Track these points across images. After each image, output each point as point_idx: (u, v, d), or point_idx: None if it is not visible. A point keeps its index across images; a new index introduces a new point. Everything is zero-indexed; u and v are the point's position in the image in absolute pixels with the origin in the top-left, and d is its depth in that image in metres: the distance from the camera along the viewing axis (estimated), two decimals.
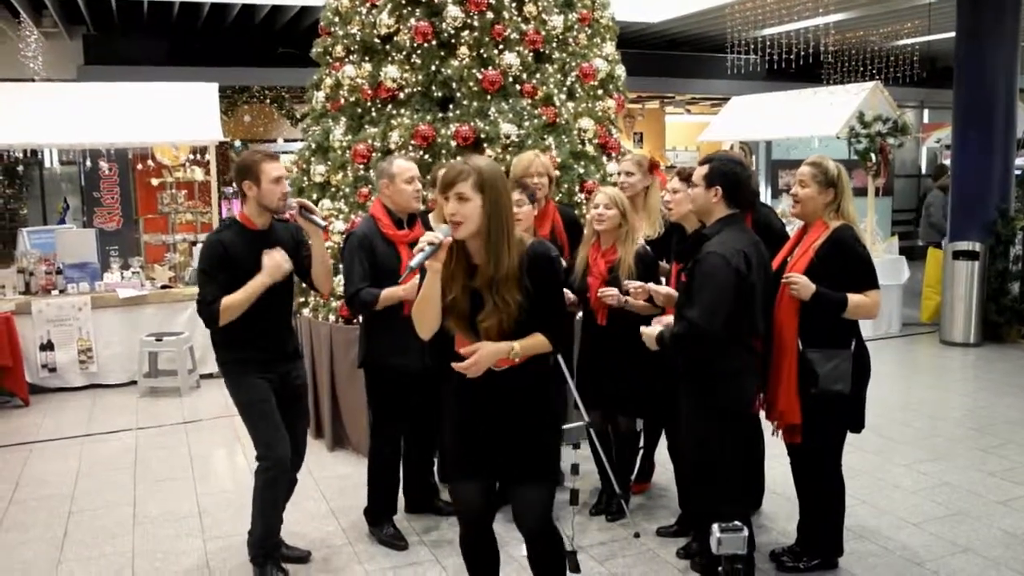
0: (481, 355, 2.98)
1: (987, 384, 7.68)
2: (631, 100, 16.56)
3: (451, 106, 5.85)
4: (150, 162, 9.67)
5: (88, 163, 9.43)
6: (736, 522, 2.24)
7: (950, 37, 9.95)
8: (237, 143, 14.07)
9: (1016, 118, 9.42)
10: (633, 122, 16.63)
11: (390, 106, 5.91)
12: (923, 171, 17.18)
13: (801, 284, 3.74)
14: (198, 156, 10.11)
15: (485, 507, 3.25)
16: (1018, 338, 9.09)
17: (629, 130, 16.48)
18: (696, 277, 3.50)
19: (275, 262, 3.88)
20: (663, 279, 4.49)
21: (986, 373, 8.07)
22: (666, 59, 15.37)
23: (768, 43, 12.28)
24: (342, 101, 6.18)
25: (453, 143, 5.62)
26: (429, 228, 4.65)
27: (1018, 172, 10.04)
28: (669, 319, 3.70)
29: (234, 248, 3.88)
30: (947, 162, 12.40)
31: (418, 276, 3.12)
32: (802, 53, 12.07)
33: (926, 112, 17.95)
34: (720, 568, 2.25)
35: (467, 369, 2.98)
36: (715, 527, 2.25)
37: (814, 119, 9.95)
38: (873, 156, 9.30)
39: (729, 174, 3.60)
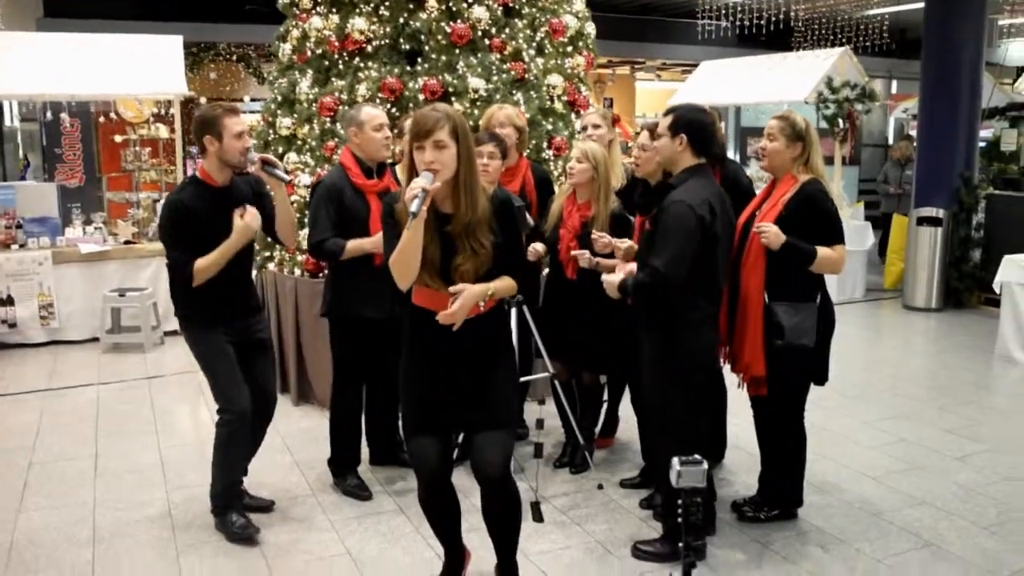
0: (465, 297, 2.98)
1: (947, 347, 7.81)
2: (601, 65, 16.51)
3: (419, 59, 5.79)
4: (113, 115, 9.48)
5: (48, 115, 9.21)
6: (696, 455, 2.26)
7: (919, 8, 9.98)
8: (203, 100, 13.83)
9: (982, 89, 9.51)
10: (603, 87, 16.59)
11: (357, 59, 5.83)
12: (890, 141, 17.31)
13: (772, 233, 3.73)
14: (162, 111, 9.93)
15: (442, 464, 3.25)
16: (979, 304, 9.23)
17: (599, 96, 16.42)
18: (660, 225, 3.50)
19: (244, 224, 3.83)
20: None
21: (946, 337, 8.20)
22: (637, 24, 15.30)
23: (739, 9, 12.26)
24: (309, 53, 6.09)
25: (421, 96, 5.56)
26: (397, 179, 4.62)
27: (982, 144, 10.16)
28: (632, 266, 3.70)
29: (196, 207, 3.81)
30: (913, 132, 12.52)
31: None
32: (773, 20, 12.06)
33: (894, 83, 18.06)
34: (680, 502, 2.27)
35: (453, 315, 2.96)
36: (675, 460, 2.27)
37: (782, 84, 9.97)
38: (841, 122, 9.36)
39: (694, 122, 3.60)
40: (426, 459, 3.22)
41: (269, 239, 5.81)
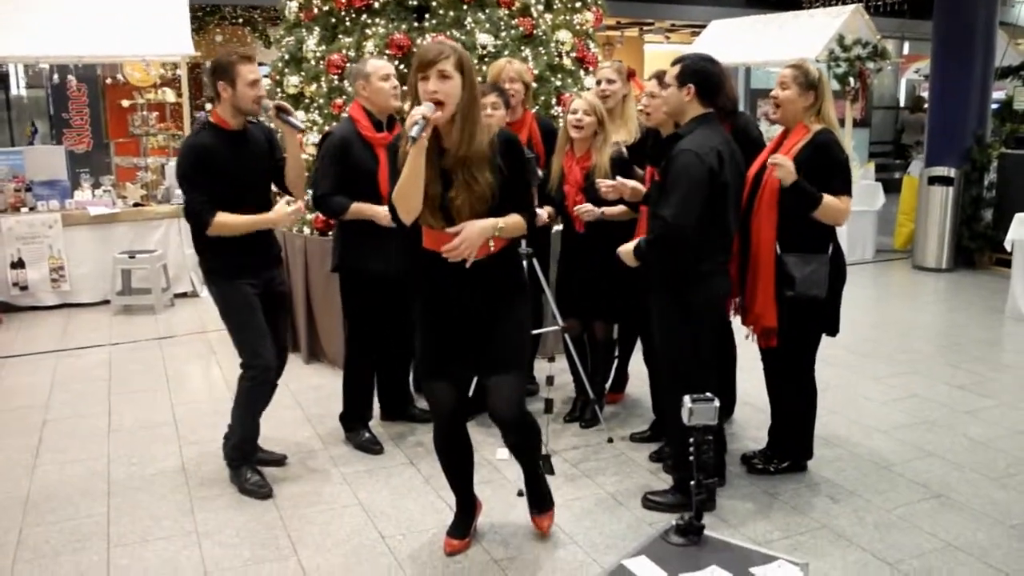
0: (468, 233, 2.99)
1: (958, 306, 7.78)
2: (610, 27, 16.36)
3: (427, 15, 5.74)
4: (119, 76, 9.45)
5: (55, 78, 9.19)
6: (708, 393, 2.27)
7: None
8: (208, 64, 13.75)
9: (995, 47, 9.40)
10: (612, 50, 16.43)
11: (365, 15, 5.78)
12: (901, 103, 17.17)
13: (786, 167, 3.66)
14: (169, 73, 9.91)
15: (457, 406, 3.30)
16: (990, 264, 9.18)
17: (608, 58, 16.27)
18: (669, 174, 3.48)
19: (287, 215, 3.88)
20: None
21: (957, 296, 8.17)
22: None
23: None
24: (315, 11, 6.04)
25: None
26: None
27: (995, 105, 10.06)
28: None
29: (212, 150, 3.81)
30: (925, 94, 12.39)
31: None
32: None
33: (906, 44, 17.86)
34: (691, 440, 2.27)
35: (455, 248, 2.98)
36: (686, 398, 2.27)
37: (793, 42, 9.83)
38: (852, 80, 9.26)
39: (701, 71, 3.57)
40: (441, 403, 3.28)
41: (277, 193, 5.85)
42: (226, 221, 3.81)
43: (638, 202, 4.13)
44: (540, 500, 3.59)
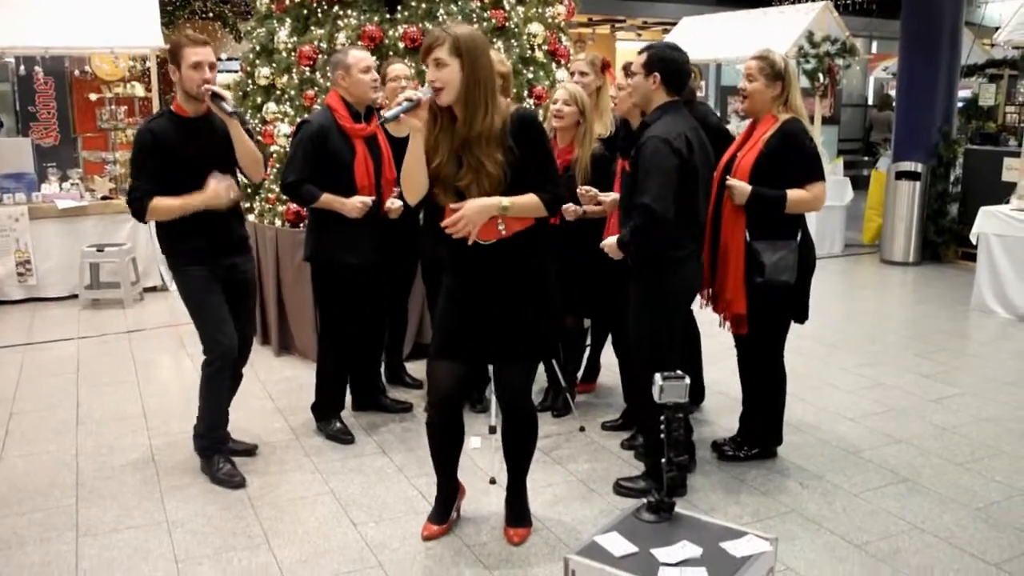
0: (467, 210, 3.02)
1: (924, 298, 7.89)
2: (582, 24, 16.39)
3: (399, 7, 5.73)
4: (87, 69, 9.34)
5: (22, 70, 9.07)
6: (678, 371, 2.29)
7: None
8: None
9: (961, 45, 9.53)
10: (584, 46, 16.46)
11: (336, 7, 5.75)
12: (870, 101, 17.35)
13: (736, 189, 3.78)
14: (138, 66, 9.81)
15: (454, 389, 3.31)
16: (955, 258, 9.32)
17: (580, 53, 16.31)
18: (639, 163, 3.49)
19: (214, 192, 3.79)
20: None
21: (924, 289, 8.28)
22: None
23: None
24: (287, 2, 6.00)
25: (401, 45, 5.52)
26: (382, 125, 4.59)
27: (961, 104, 10.20)
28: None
29: (165, 136, 3.76)
30: (893, 92, 12.54)
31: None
32: None
33: (874, 43, 18.03)
34: (663, 417, 2.29)
35: (453, 225, 3.02)
36: (657, 376, 2.29)
37: (763, 39, 9.89)
38: (821, 76, 9.36)
39: (667, 60, 3.60)
40: (439, 382, 3.30)
41: (248, 190, 5.82)
42: (160, 205, 3.76)
43: None
44: (519, 516, 3.56)
